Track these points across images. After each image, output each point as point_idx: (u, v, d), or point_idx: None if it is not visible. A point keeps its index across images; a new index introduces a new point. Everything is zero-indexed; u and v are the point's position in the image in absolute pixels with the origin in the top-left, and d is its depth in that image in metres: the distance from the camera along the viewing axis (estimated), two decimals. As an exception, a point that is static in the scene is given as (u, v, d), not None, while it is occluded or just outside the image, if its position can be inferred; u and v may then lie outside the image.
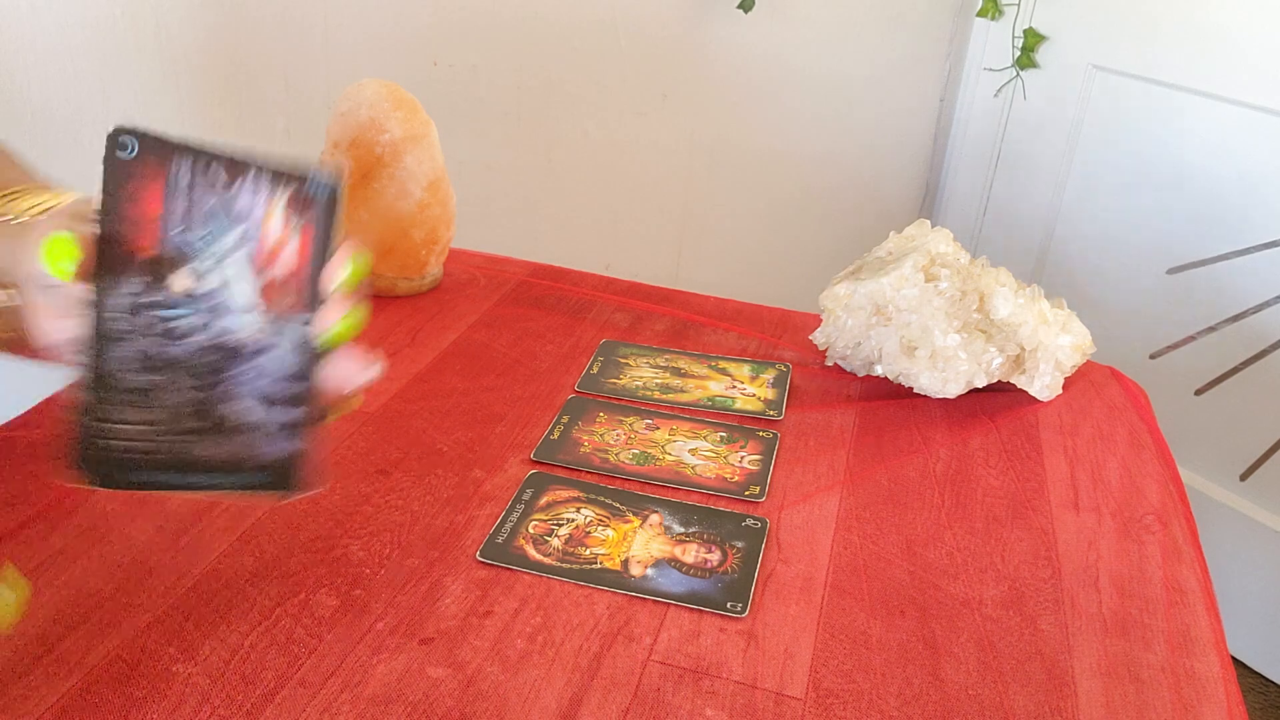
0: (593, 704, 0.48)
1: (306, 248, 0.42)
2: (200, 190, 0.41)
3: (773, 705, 0.48)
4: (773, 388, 0.76)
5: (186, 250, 0.41)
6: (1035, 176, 1.88)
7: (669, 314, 0.87)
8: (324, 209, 0.41)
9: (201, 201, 0.41)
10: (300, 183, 0.41)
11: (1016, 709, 0.49)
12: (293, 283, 0.42)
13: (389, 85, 0.84)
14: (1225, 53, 1.56)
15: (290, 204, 0.41)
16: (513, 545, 0.58)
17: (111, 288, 0.40)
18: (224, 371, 0.42)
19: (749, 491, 0.64)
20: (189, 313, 0.42)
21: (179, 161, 0.40)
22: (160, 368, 0.42)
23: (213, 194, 0.41)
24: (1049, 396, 0.76)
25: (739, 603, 0.54)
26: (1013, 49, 1.84)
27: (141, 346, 0.41)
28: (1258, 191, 1.57)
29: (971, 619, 0.55)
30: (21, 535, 0.56)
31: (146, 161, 0.40)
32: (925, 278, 0.75)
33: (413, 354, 0.78)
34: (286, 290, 0.42)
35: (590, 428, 0.70)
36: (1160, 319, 1.70)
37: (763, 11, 1.58)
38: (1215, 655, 0.53)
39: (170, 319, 0.42)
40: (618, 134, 1.52)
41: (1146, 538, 0.62)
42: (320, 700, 0.47)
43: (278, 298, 0.42)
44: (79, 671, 0.47)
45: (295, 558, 0.55)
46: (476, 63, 1.29)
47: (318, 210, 0.41)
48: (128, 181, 0.40)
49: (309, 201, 0.41)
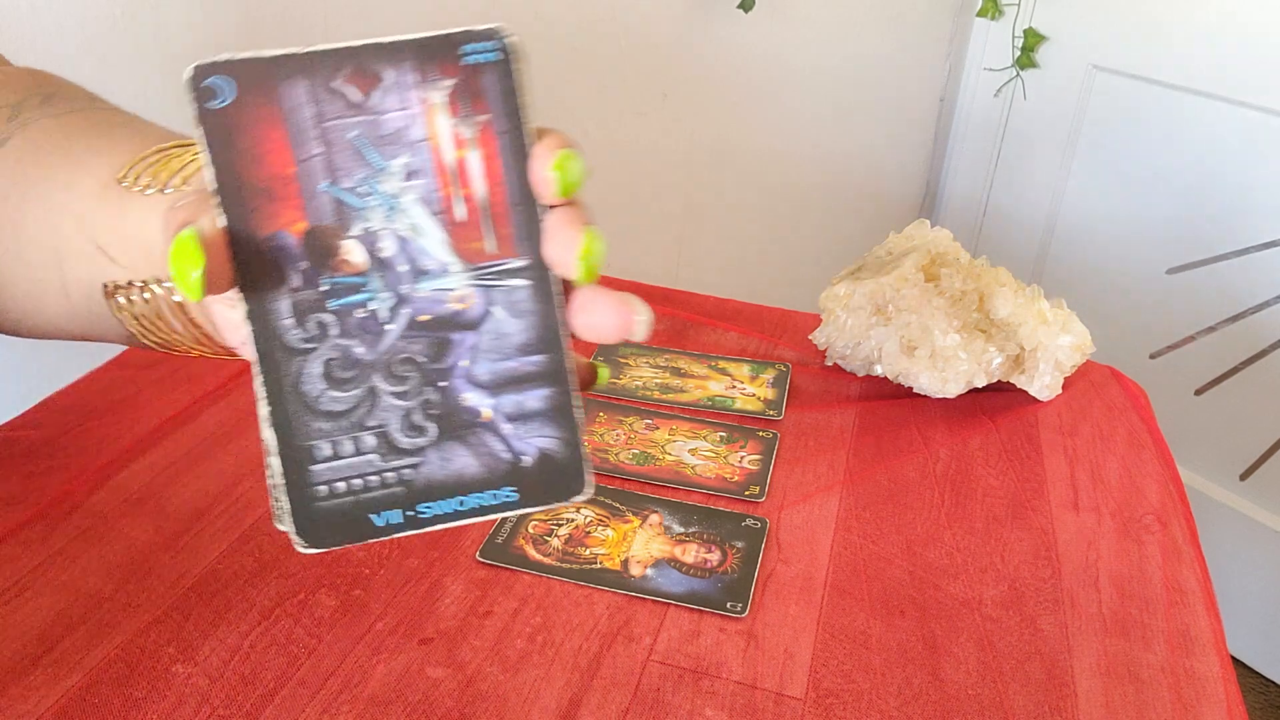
0: (592, 704, 0.48)
1: (494, 156, 0.30)
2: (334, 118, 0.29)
3: (773, 705, 0.48)
4: (772, 388, 0.76)
5: (344, 209, 0.30)
6: (1035, 176, 1.88)
7: (669, 314, 0.87)
8: (501, 88, 0.30)
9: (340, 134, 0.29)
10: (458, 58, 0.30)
11: (1016, 709, 0.49)
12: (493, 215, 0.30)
13: (389, 85, 0.84)
14: (1225, 53, 1.56)
15: (455, 98, 0.30)
16: (512, 545, 0.58)
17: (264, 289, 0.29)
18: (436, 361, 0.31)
19: (749, 491, 0.64)
20: (371, 294, 0.30)
21: (293, 86, 0.29)
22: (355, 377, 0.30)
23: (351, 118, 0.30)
24: (1049, 396, 0.76)
25: (739, 603, 0.54)
26: (1013, 49, 1.84)
27: (324, 355, 0.30)
28: (1258, 191, 1.57)
29: (971, 619, 0.55)
30: (21, 535, 0.56)
31: (251, 103, 0.29)
32: (925, 277, 0.75)
33: (413, 354, 0.78)
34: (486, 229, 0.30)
35: (590, 427, 0.70)
36: (1160, 319, 1.70)
37: (763, 11, 1.58)
38: (1215, 655, 0.53)
39: (351, 308, 0.30)
40: (618, 134, 1.52)
41: (1146, 538, 0.62)
42: (320, 700, 0.47)
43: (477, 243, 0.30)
44: (79, 671, 0.47)
45: (295, 558, 0.55)
46: (476, 62, 1.29)
47: (493, 92, 0.30)
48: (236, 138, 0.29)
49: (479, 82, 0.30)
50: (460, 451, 0.31)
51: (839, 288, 0.78)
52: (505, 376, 0.31)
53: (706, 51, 1.57)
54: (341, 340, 0.30)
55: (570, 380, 0.31)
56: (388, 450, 0.30)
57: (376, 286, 0.30)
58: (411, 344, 0.30)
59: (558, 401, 0.31)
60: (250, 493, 0.60)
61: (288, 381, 0.30)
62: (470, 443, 0.31)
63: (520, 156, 0.30)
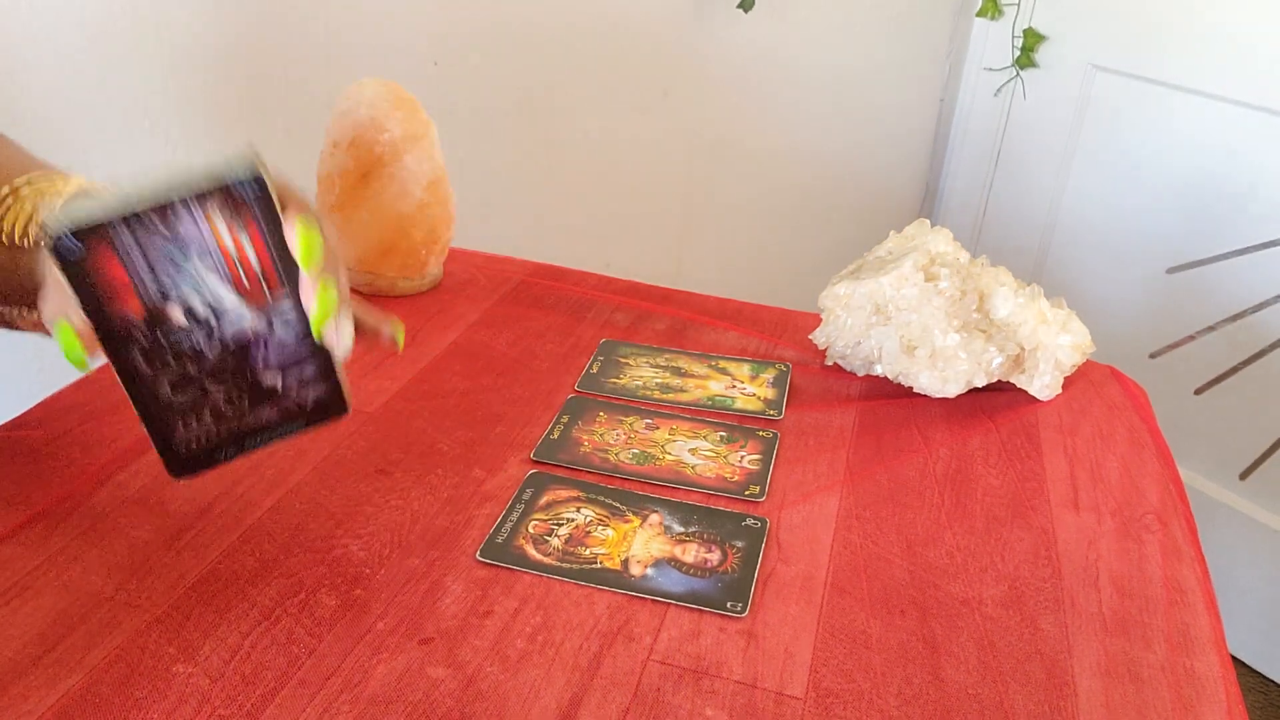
0: (592, 704, 0.48)
1: (258, 238, 0.47)
2: (148, 242, 0.45)
3: (773, 705, 0.48)
4: (773, 387, 0.76)
5: (165, 292, 0.47)
6: (1035, 176, 1.88)
7: (669, 313, 0.87)
8: (257, 199, 0.46)
9: (154, 250, 0.46)
10: (224, 188, 0.45)
11: (1016, 709, 0.49)
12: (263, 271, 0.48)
13: (389, 85, 0.84)
14: (1225, 53, 1.56)
15: (224, 211, 0.46)
16: (513, 545, 0.58)
17: (124, 348, 0.47)
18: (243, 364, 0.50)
19: (749, 491, 0.64)
20: (191, 337, 0.48)
21: (118, 232, 0.45)
22: (190, 384, 0.49)
23: (160, 239, 0.45)
24: (1049, 396, 0.77)
25: (739, 602, 0.54)
26: (1012, 49, 1.84)
27: (171, 378, 0.48)
28: (1258, 191, 1.57)
29: (971, 619, 0.55)
30: (21, 535, 0.56)
31: (94, 248, 0.44)
32: (925, 277, 0.75)
33: (412, 354, 0.78)
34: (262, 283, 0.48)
35: (590, 427, 0.70)
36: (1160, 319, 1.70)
37: (763, 11, 1.58)
38: (1215, 655, 0.53)
39: (180, 347, 0.48)
40: (618, 133, 1.52)
41: (1146, 537, 0.62)
42: (320, 700, 0.47)
43: (257, 290, 0.48)
44: (79, 671, 0.47)
45: (295, 558, 0.55)
46: (477, 62, 1.29)
47: (252, 203, 0.46)
48: (89, 275, 0.45)
49: (240, 199, 0.46)
50: (267, 409, 0.51)
51: (839, 288, 0.78)
52: (288, 360, 0.50)
53: (707, 51, 1.57)
54: (176, 368, 0.48)
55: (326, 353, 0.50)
56: (218, 419, 0.50)
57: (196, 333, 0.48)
58: (226, 358, 0.49)
59: (321, 367, 0.50)
60: (250, 492, 0.60)
61: (148, 394, 0.48)
62: (272, 403, 0.51)
63: (276, 228, 0.46)
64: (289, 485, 0.61)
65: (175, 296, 0.47)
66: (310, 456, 0.64)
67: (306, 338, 0.50)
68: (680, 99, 1.57)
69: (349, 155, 0.82)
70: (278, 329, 0.49)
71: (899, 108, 1.94)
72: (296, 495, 0.60)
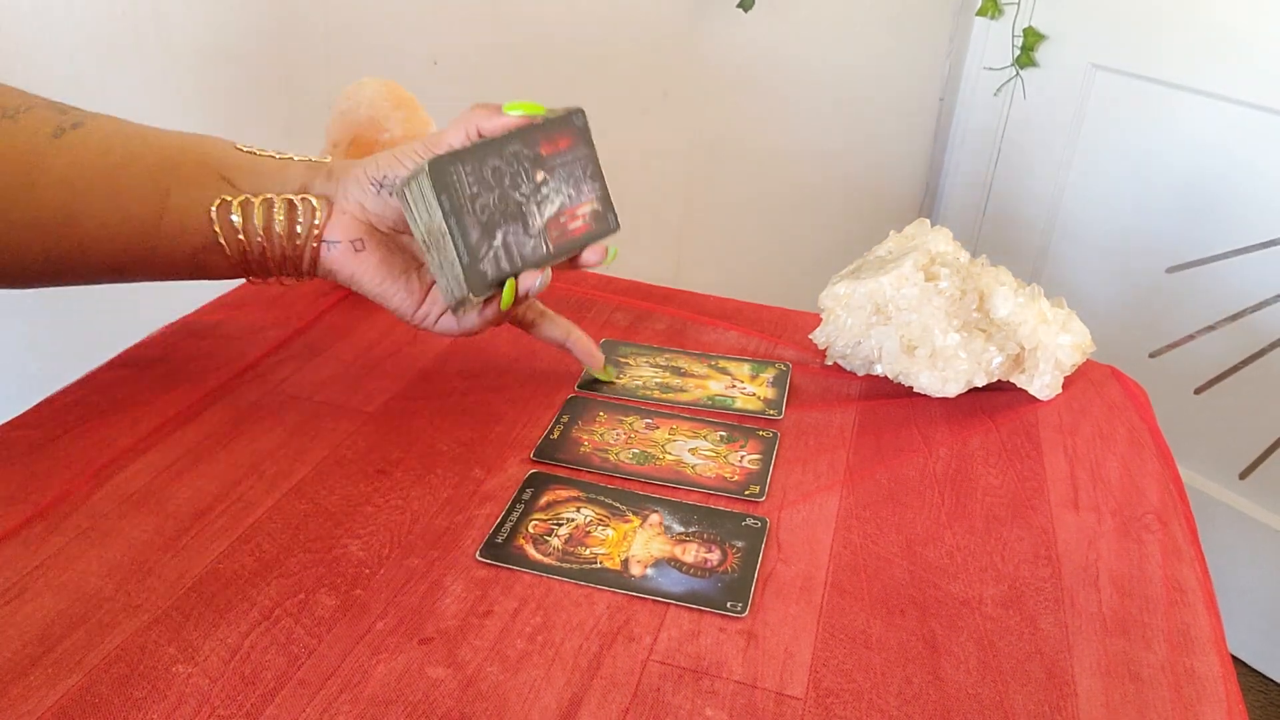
0: (592, 704, 0.48)
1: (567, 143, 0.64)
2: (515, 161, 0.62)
3: (773, 705, 0.48)
4: (772, 387, 0.76)
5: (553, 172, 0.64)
6: (1035, 176, 1.88)
7: (669, 313, 0.87)
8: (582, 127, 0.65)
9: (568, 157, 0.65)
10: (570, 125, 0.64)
11: (1016, 709, 0.49)
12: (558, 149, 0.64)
13: (389, 84, 0.84)
14: (1225, 52, 1.56)
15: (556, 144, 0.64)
16: (513, 545, 0.58)
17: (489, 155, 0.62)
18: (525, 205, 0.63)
19: (749, 491, 0.64)
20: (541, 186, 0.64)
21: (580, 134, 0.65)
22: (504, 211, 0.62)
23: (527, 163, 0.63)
24: (1049, 396, 0.77)
25: (739, 602, 0.54)
26: (1012, 48, 1.85)
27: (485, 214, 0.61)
28: (1258, 191, 1.57)
29: (971, 618, 0.55)
30: (21, 535, 0.56)
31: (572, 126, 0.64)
32: (925, 277, 0.75)
33: (412, 353, 0.78)
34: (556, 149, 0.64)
35: (590, 427, 0.70)
36: (1160, 318, 1.70)
37: (762, 10, 1.58)
38: (1215, 654, 0.53)
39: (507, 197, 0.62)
40: (618, 132, 1.52)
41: (1146, 537, 0.62)
42: (320, 700, 0.47)
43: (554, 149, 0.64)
44: (79, 671, 0.47)
45: (295, 558, 0.55)
46: (476, 61, 1.29)
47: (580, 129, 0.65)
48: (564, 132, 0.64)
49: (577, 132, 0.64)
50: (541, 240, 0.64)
51: (839, 287, 0.78)
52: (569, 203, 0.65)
53: (707, 50, 1.57)
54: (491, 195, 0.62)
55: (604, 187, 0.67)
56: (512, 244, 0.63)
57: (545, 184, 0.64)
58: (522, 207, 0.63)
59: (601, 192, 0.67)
60: (250, 493, 0.60)
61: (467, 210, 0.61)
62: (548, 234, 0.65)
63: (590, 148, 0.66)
64: (289, 485, 0.61)
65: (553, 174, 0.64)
66: (310, 456, 0.64)
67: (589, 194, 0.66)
68: (680, 99, 1.57)
69: (349, 155, 0.82)
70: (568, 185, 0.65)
71: (899, 107, 1.94)
72: (296, 495, 0.60)
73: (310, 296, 0.85)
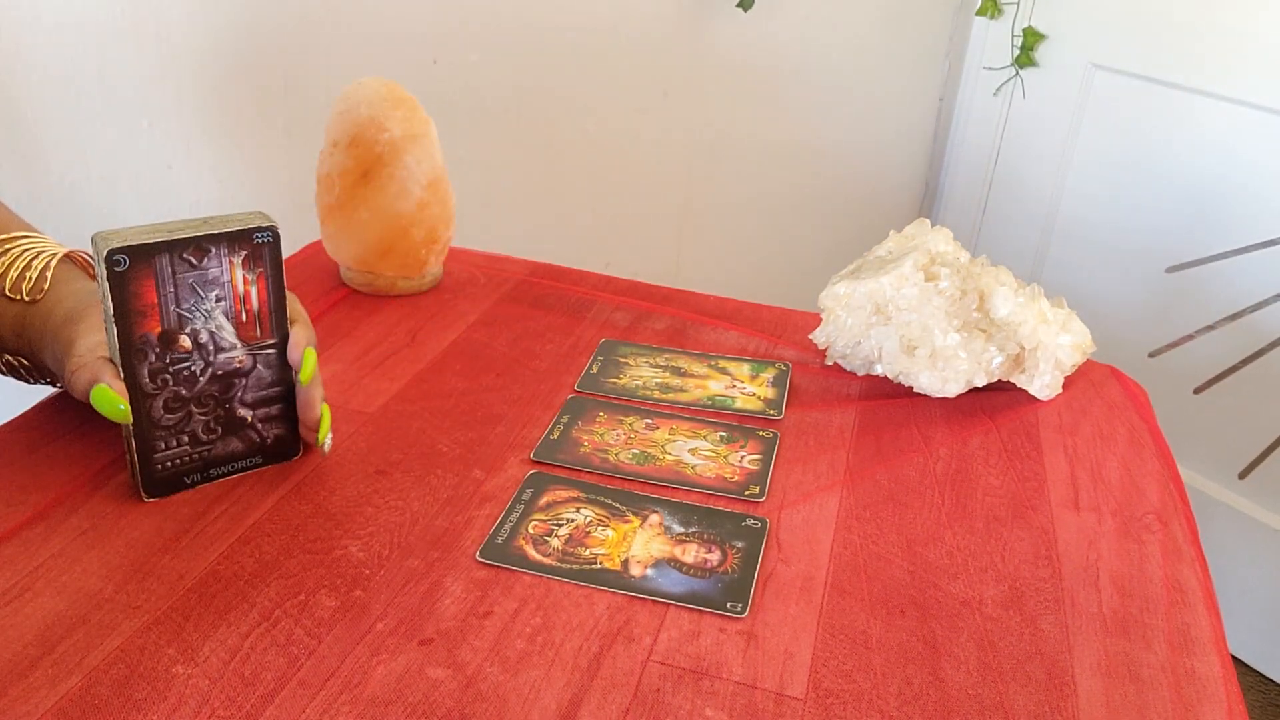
0: (592, 704, 0.48)
1: (264, 290, 0.57)
2: (180, 274, 0.54)
3: (773, 705, 0.48)
4: (773, 387, 0.76)
5: (181, 318, 0.55)
6: (1035, 175, 1.88)
7: (669, 313, 0.87)
8: (270, 255, 0.57)
9: (183, 282, 0.55)
10: (250, 240, 0.56)
11: (1016, 709, 0.49)
12: (260, 317, 0.58)
13: (388, 84, 0.84)
14: (1225, 52, 1.56)
15: (245, 260, 0.56)
16: (512, 545, 0.58)
17: (136, 363, 0.55)
18: (225, 394, 0.59)
19: (749, 491, 0.64)
20: (192, 363, 0.57)
21: (160, 259, 0.53)
22: (180, 406, 0.57)
23: (190, 273, 0.55)
24: (1049, 396, 0.76)
25: (739, 603, 0.54)
26: (1012, 48, 1.85)
27: (165, 397, 0.57)
28: (1258, 191, 1.57)
29: (971, 619, 0.55)
30: (21, 535, 0.56)
31: (137, 267, 0.53)
32: (925, 277, 0.75)
33: (412, 354, 0.78)
34: (258, 325, 0.58)
35: (590, 427, 0.70)
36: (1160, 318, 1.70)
37: (762, 10, 1.58)
38: (1215, 654, 0.53)
39: (180, 371, 0.56)
40: (618, 132, 1.52)
41: (1146, 537, 0.62)
42: (320, 701, 0.47)
43: (251, 328, 0.58)
44: (79, 672, 0.47)
45: (295, 558, 0.55)
46: (476, 61, 1.29)
47: (266, 257, 0.57)
48: (127, 286, 0.53)
49: (260, 251, 0.56)
50: (234, 441, 0.60)
51: (839, 287, 0.78)
52: (261, 399, 0.60)
53: (706, 50, 1.57)
54: (173, 388, 0.57)
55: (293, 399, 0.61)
56: (195, 444, 0.59)
57: (196, 358, 0.57)
58: (212, 387, 0.58)
59: (285, 410, 0.61)
60: (250, 493, 0.60)
61: (143, 411, 0.56)
62: (240, 435, 0.60)
63: (279, 288, 0.58)
64: (289, 486, 0.61)
65: (188, 324, 0.56)
66: (309, 457, 0.64)
67: (280, 381, 0.60)
68: (680, 99, 1.57)
69: (349, 155, 0.82)
70: (259, 368, 0.59)
71: (898, 107, 1.94)
72: (296, 496, 0.60)
73: (310, 297, 0.85)
